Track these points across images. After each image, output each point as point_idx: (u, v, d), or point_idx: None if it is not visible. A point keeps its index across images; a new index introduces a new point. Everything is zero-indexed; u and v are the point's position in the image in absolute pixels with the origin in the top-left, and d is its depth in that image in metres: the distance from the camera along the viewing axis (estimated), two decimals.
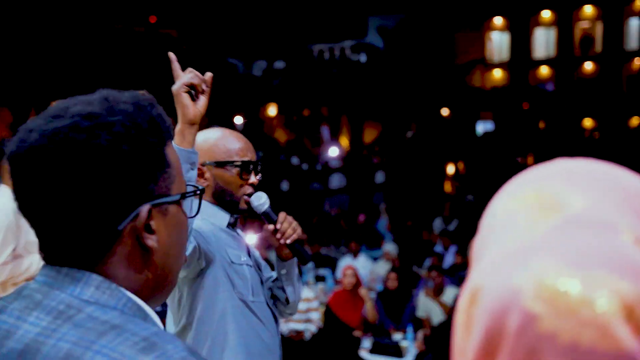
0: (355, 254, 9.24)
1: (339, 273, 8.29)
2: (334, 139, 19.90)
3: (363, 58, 25.58)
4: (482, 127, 24.08)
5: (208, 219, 2.18)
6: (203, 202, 1.33)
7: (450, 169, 17.71)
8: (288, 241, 2.24)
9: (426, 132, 19.49)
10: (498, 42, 29.28)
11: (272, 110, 22.16)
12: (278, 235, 2.24)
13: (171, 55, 1.97)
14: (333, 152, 13.72)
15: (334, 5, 26.94)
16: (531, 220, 0.60)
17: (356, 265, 8.29)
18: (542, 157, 19.43)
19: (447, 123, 21.19)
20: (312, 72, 23.37)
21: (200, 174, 2.17)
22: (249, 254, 2.30)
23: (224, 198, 2.19)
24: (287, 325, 7.14)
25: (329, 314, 7.29)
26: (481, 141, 21.19)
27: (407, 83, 21.47)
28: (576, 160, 0.67)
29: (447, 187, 17.01)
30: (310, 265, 8.68)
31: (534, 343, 0.52)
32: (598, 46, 27.37)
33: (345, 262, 8.89)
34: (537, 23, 28.43)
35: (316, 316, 7.51)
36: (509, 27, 28.80)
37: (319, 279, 8.45)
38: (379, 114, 21.16)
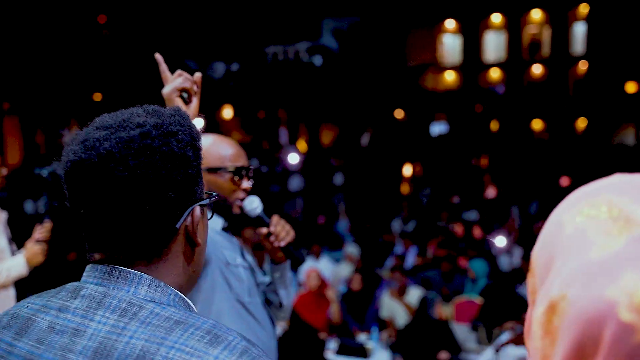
0: (317, 256, 9.29)
1: (301, 275, 8.33)
2: (292, 141, 19.95)
3: (318, 60, 25.66)
4: (437, 128, 24.47)
5: None
6: None
7: (407, 170, 17.95)
8: (282, 244, 2.28)
9: (382, 134, 19.69)
10: (450, 45, 29.78)
11: (227, 113, 22.04)
12: (272, 239, 2.27)
13: (158, 56, 1.95)
14: (292, 155, 13.74)
15: (288, 7, 26.94)
16: (606, 234, 0.65)
17: (319, 267, 8.33)
18: (496, 158, 19.90)
19: (402, 125, 21.45)
20: (267, 73, 23.34)
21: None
22: (243, 256, 2.33)
23: (217, 203, 2.20)
24: None
25: (294, 316, 7.31)
26: (436, 143, 21.54)
27: (362, 85, 21.65)
28: (634, 175, 0.73)
29: (404, 188, 17.23)
30: (269, 268, 8.65)
31: (630, 352, 0.58)
32: (546, 50, 28.13)
33: (308, 265, 8.93)
34: (488, 26, 29.03)
35: None
36: (461, 30, 29.34)
37: None
38: (335, 117, 21.28)
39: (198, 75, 1.97)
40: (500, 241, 9.54)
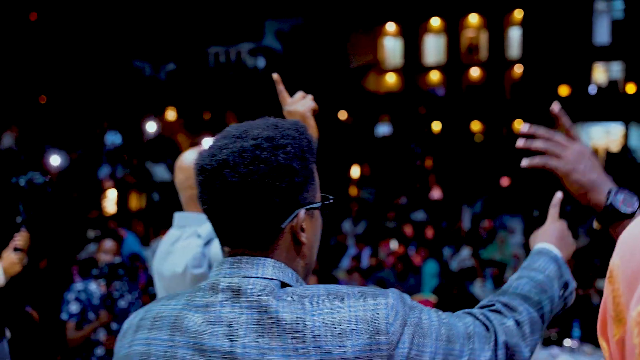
0: None
1: None
2: None
3: (261, 61, 25.61)
4: (382, 130, 24.81)
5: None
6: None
7: (355, 171, 18.14)
8: None
9: (327, 136, 19.82)
10: (391, 48, 30.25)
11: (171, 114, 21.75)
12: None
13: (276, 76, 2.01)
14: None
15: (230, 9, 26.77)
16: None
17: None
18: (440, 159, 20.35)
19: (346, 127, 21.64)
20: (209, 74, 23.14)
21: None
22: None
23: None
24: None
25: None
26: (381, 144, 21.81)
27: (305, 86, 21.68)
28: None
29: (353, 189, 17.41)
30: None
31: None
32: (483, 54, 28.93)
33: None
34: (427, 30, 29.63)
35: None
36: (401, 33, 29.83)
37: None
38: (279, 118, 21.25)
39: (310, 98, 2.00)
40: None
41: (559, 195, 1.61)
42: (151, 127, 16.81)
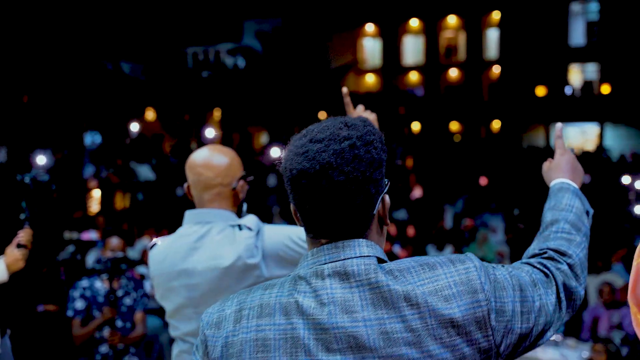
0: None
1: None
2: (226, 143, 19.80)
3: (240, 61, 25.55)
4: None
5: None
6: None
7: None
8: None
9: None
10: (370, 49, 30.39)
11: (150, 115, 21.60)
12: None
13: (345, 90, 2.20)
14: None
15: (209, 9, 26.67)
16: None
17: None
18: (420, 159, 20.50)
19: None
20: (187, 75, 23.02)
21: (241, 190, 2.26)
22: None
23: (241, 209, 2.31)
24: None
25: None
26: None
27: (285, 87, 21.76)
28: None
29: None
30: None
31: None
32: (461, 55, 29.18)
33: None
34: (406, 31, 29.80)
35: None
36: (380, 34, 29.98)
37: None
38: (262, 118, 21.29)
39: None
40: None
41: (559, 125, 1.79)
42: (134, 127, 16.71)
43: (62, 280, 5.61)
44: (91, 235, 9.03)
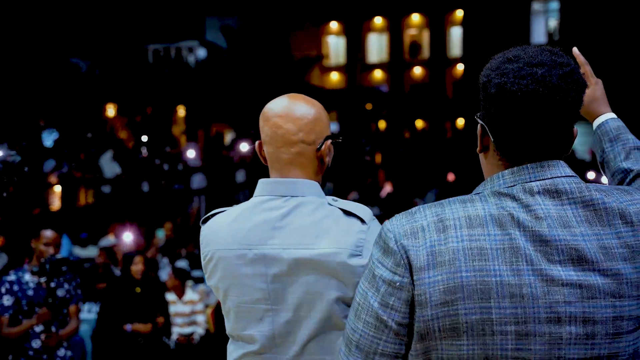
0: None
1: None
2: (189, 139, 19.43)
3: (203, 57, 25.23)
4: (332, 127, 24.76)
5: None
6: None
7: None
8: None
9: None
10: (334, 46, 30.28)
11: (110, 111, 21.14)
12: None
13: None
14: (191, 152, 13.33)
15: (171, 6, 26.29)
16: None
17: None
18: (388, 155, 20.43)
19: None
20: (149, 71, 22.61)
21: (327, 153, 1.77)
22: None
23: (322, 181, 1.82)
24: (174, 330, 6.83)
25: (219, 315, 7.05)
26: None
27: (250, 82, 21.47)
28: None
29: None
30: (184, 264, 8.35)
31: None
32: (425, 52, 29.30)
33: None
34: (370, 29, 29.80)
35: (202, 318, 7.26)
36: (344, 31, 29.90)
37: (199, 280, 8.11)
38: (227, 114, 20.96)
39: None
40: None
41: (576, 50, 1.76)
42: (95, 122, 16.21)
43: None
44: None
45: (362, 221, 1.63)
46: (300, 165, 1.71)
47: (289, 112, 1.72)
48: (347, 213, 1.65)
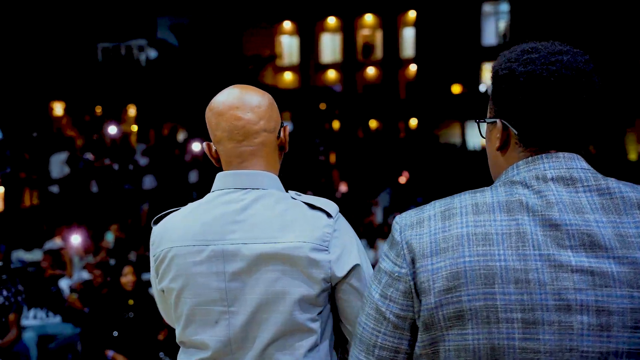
0: None
1: None
2: (140, 139, 19.04)
3: (152, 56, 24.84)
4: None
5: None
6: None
7: None
8: None
9: None
10: (287, 46, 30.17)
11: (58, 109, 20.57)
12: None
13: None
14: (140, 151, 13.04)
15: (121, 5, 25.81)
16: None
17: None
18: (342, 155, 20.42)
19: None
20: (99, 70, 22.12)
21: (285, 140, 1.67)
22: None
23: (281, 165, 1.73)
24: None
25: None
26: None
27: (202, 81, 21.19)
28: None
29: None
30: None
31: None
32: (378, 53, 29.46)
33: None
34: (323, 29, 29.80)
35: None
36: (298, 31, 29.83)
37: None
38: (179, 114, 20.65)
39: None
40: None
41: None
42: (41, 121, 15.69)
43: None
44: None
45: (329, 215, 1.53)
46: (263, 155, 1.60)
47: (245, 102, 1.59)
48: (312, 207, 1.55)
